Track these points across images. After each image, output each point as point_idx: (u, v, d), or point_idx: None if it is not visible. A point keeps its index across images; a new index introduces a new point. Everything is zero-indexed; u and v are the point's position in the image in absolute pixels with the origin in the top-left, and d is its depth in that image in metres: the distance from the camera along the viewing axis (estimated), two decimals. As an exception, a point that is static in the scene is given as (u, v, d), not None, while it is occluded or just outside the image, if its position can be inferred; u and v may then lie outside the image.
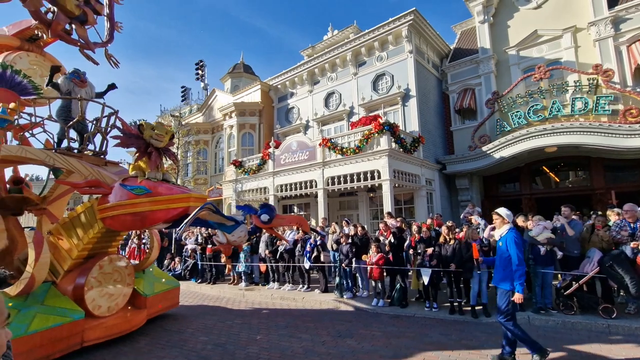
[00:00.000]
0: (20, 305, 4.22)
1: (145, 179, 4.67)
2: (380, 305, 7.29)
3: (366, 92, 15.72)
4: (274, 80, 19.45)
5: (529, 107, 12.86)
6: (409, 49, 14.32)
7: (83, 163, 5.00)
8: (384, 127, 11.43)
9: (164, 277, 7.26)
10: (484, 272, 6.51)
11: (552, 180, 14.46)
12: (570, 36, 13.06)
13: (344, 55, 16.33)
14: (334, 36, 20.13)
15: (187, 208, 4.36)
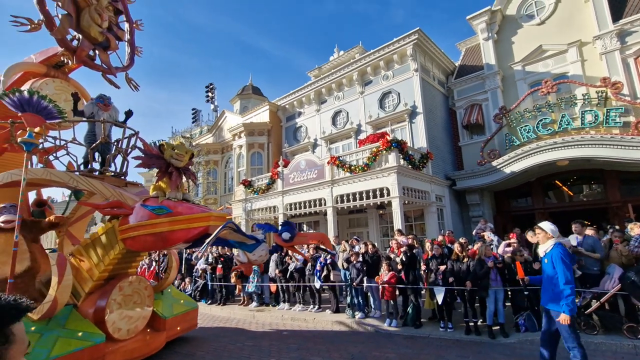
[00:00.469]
0: (43, 329, 4.17)
1: (166, 199, 4.67)
2: (394, 326, 7.10)
3: (373, 110, 15.88)
4: (282, 101, 19.82)
5: (537, 121, 12.80)
6: (414, 67, 14.52)
7: (105, 184, 5.04)
8: (391, 144, 11.47)
9: (182, 298, 7.14)
10: (499, 290, 6.33)
11: (565, 194, 14.20)
12: (576, 50, 13.11)
13: (350, 75, 16.62)
14: (340, 57, 20.58)
15: (208, 227, 4.32)
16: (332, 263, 8.75)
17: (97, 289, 5.05)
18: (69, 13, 5.20)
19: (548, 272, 4.02)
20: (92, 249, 5.05)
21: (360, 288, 8.03)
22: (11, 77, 5.91)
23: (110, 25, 5.90)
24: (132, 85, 6.47)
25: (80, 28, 5.39)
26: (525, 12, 14.78)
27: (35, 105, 4.46)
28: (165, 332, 6.06)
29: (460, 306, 7.17)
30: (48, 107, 4.56)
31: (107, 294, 4.95)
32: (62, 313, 4.48)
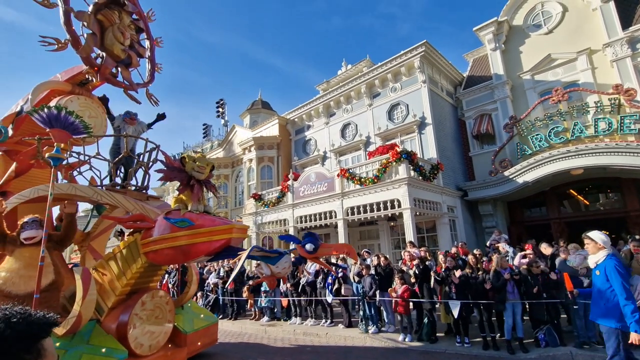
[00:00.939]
0: (67, 345, 4.14)
1: (187, 212, 4.67)
2: (408, 341, 6.95)
3: (382, 122, 15.94)
4: (291, 114, 20.07)
5: (549, 129, 12.66)
6: (422, 79, 14.60)
7: (127, 198, 5.08)
8: (401, 155, 11.45)
9: (202, 312, 7.03)
10: (517, 303, 6.16)
11: (581, 203, 13.88)
12: (586, 58, 13.03)
13: (358, 88, 16.78)
14: (347, 70, 20.84)
15: (229, 239, 4.31)
16: (344, 277, 8.67)
17: (120, 304, 5.01)
18: (93, 32, 5.38)
19: (599, 285, 3.78)
20: (115, 262, 5.02)
21: (373, 302, 7.92)
22: (38, 95, 6.10)
23: (132, 43, 6.08)
24: (153, 101, 6.62)
25: (104, 46, 5.57)
26: (532, 22, 14.82)
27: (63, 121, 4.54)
28: (187, 348, 5.94)
29: (476, 320, 7.00)
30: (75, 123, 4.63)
31: (130, 309, 4.89)
32: (85, 328, 4.44)
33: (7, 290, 4.36)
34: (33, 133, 5.64)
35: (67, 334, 4.11)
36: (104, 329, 4.75)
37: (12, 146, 6.26)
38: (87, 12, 5.38)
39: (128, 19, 6.00)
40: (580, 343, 5.73)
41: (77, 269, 4.30)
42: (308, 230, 14.29)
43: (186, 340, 5.98)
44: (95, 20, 5.46)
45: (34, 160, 5.54)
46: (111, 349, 4.46)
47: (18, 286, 4.42)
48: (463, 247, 9.66)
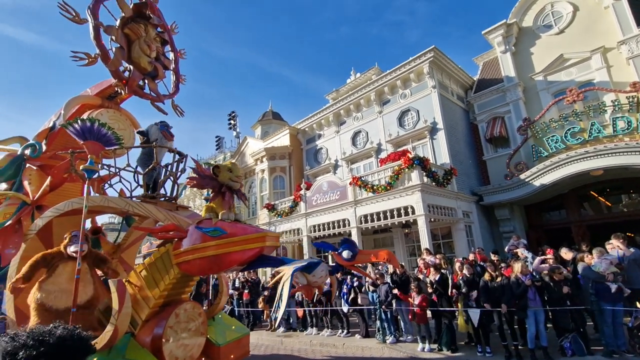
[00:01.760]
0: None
1: (219, 220, 4.57)
2: (427, 351, 6.80)
3: (392, 128, 15.90)
4: (302, 124, 20.22)
5: (565, 130, 12.37)
6: (432, 85, 14.54)
7: (159, 208, 5.01)
8: (413, 161, 11.37)
9: (233, 323, 6.87)
10: (539, 311, 5.97)
11: (602, 205, 13.44)
12: (600, 57, 12.76)
13: (367, 96, 16.83)
14: (356, 79, 20.95)
15: (263, 248, 4.21)
16: (359, 285, 8.58)
17: (153, 316, 4.90)
18: (121, 46, 5.48)
19: None
20: (147, 274, 4.95)
21: (389, 311, 7.79)
22: (70, 110, 6.25)
23: (158, 55, 6.13)
24: (178, 112, 6.67)
25: (131, 59, 5.67)
26: (542, 23, 14.65)
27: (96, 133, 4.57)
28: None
29: (497, 328, 6.80)
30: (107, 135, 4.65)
31: (164, 322, 4.77)
32: (121, 342, 4.34)
33: (49, 304, 4.34)
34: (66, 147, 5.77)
35: (104, 348, 4.04)
36: (138, 342, 4.66)
37: (46, 161, 6.38)
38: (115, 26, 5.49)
39: (153, 31, 6.07)
40: (610, 352, 5.48)
41: (112, 281, 4.19)
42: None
43: (219, 353, 5.79)
44: (123, 34, 5.55)
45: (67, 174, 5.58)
46: None
47: (59, 300, 4.40)
48: (481, 253, 9.45)
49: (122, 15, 5.59)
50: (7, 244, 5.26)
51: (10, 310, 4.71)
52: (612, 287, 5.58)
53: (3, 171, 6.03)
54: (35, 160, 6.22)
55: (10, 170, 6.06)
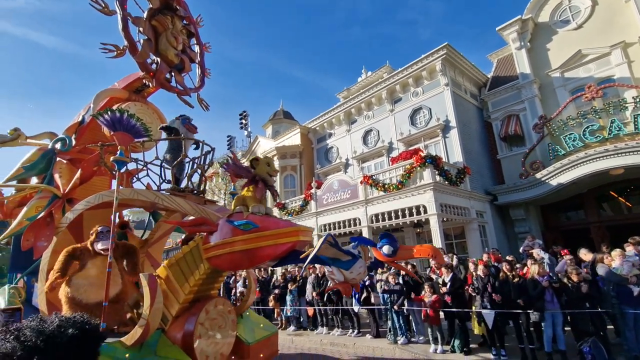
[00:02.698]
0: (136, 357, 3.92)
1: (250, 214, 4.43)
2: (440, 352, 6.67)
3: (404, 127, 15.72)
4: (313, 123, 20.19)
5: (583, 128, 12.01)
6: (444, 82, 14.32)
7: (188, 202, 4.89)
8: (426, 160, 11.20)
9: (261, 321, 6.65)
10: (557, 313, 5.79)
11: (623, 205, 13.00)
12: (620, 52, 12.35)
13: (379, 94, 16.68)
14: (367, 77, 20.81)
15: (296, 242, 4.06)
16: (371, 285, 8.50)
17: (183, 312, 4.72)
18: (148, 38, 5.45)
19: None
20: (177, 269, 4.77)
21: (401, 311, 7.68)
22: (99, 103, 6.30)
23: (184, 48, 6.11)
24: (203, 105, 6.63)
25: (159, 52, 5.64)
26: (559, 18, 14.26)
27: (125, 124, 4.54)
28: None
29: (512, 331, 6.62)
30: (136, 126, 4.61)
31: (195, 318, 4.59)
32: (152, 338, 4.19)
33: (79, 298, 4.34)
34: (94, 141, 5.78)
35: (135, 344, 3.91)
36: (169, 339, 4.50)
37: (75, 155, 6.39)
38: (143, 18, 5.46)
39: (180, 23, 6.02)
40: (633, 357, 5.28)
41: (143, 275, 4.09)
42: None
43: (249, 352, 5.56)
44: (150, 26, 5.51)
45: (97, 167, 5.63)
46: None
47: (89, 295, 4.38)
48: (495, 253, 9.23)
49: (149, 6, 5.56)
50: (39, 236, 5.29)
51: (43, 304, 4.73)
52: (634, 290, 5.38)
53: (34, 165, 6.10)
54: (66, 154, 6.24)
55: (42, 164, 6.12)
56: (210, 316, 4.80)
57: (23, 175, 6.10)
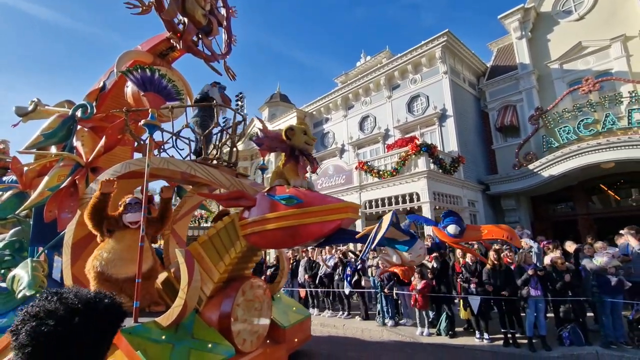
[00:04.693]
0: (173, 339, 3.54)
1: (292, 187, 4.05)
2: (426, 335, 6.91)
3: (401, 114, 15.69)
4: (309, 107, 20.04)
5: (578, 121, 12.10)
6: (443, 70, 14.23)
7: (223, 174, 4.53)
8: (421, 148, 11.26)
9: (293, 304, 6.31)
10: (540, 300, 5.99)
11: (611, 198, 13.26)
12: (620, 45, 12.33)
13: (377, 80, 16.55)
14: (366, 62, 20.56)
15: (343, 220, 3.71)
16: (363, 269, 8.67)
17: (217, 293, 4.41)
18: None
19: None
20: (211, 246, 4.41)
21: (390, 295, 7.89)
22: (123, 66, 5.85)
23: (212, 9, 5.75)
24: (230, 74, 6.25)
25: (185, 12, 5.29)
26: (561, 9, 14.12)
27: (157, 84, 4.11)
28: (285, 345, 5.18)
29: (496, 316, 6.87)
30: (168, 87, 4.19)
31: (231, 299, 4.26)
32: (187, 319, 3.87)
33: (108, 273, 3.96)
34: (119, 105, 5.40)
35: (171, 325, 3.57)
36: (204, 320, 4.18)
37: (97, 123, 5.94)
38: None
39: None
40: (608, 343, 5.52)
41: (179, 251, 3.73)
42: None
43: (284, 336, 5.20)
44: None
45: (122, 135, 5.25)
46: (216, 344, 3.83)
47: (119, 269, 3.99)
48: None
49: None
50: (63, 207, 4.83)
51: (68, 278, 4.42)
52: (612, 279, 5.60)
53: (55, 133, 5.63)
54: (87, 121, 5.79)
55: (62, 132, 5.67)
56: (247, 297, 4.50)
57: (42, 143, 5.65)
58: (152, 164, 4.16)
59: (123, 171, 4.53)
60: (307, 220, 3.73)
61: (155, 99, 4.18)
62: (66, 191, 4.92)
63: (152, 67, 4.21)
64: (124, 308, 1.07)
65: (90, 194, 4.55)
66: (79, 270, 4.33)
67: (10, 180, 7.31)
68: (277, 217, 3.84)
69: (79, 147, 5.46)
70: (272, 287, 5.76)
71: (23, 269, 4.83)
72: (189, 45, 5.45)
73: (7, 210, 6.27)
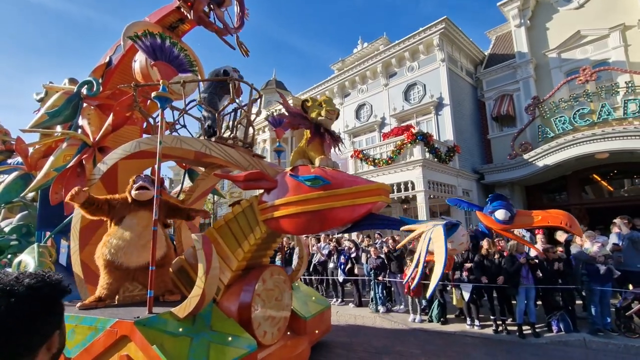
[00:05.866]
0: (191, 331, 3.26)
1: (318, 167, 3.70)
2: (418, 321, 6.99)
3: (397, 102, 15.56)
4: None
5: (574, 111, 12.08)
6: (440, 58, 14.07)
7: (241, 153, 4.21)
8: (417, 137, 11.21)
9: (313, 294, 5.99)
10: (530, 288, 6.06)
11: (604, 189, 13.37)
12: (619, 35, 12.23)
13: (374, 67, 16.34)
14: (363, 49, 20.27)
15: (376, 204, 3.38)
16: (357, 257, 8.72)
17: (236, 281, 4.12)
18: None
19: None
20: (228, 232, 4.11)
21: (382, 282, 7.96)
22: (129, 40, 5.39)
23: None
24: (243, 50, 5.91)
25: None
26: (562, -4, 13.93)
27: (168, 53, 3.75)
28: (307, 337, 4.89)
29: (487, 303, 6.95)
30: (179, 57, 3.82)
31: (251, 288, 3.96)
32: (204, 310, 3.57)
33: (119, 261, 3.64)
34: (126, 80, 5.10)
35: (189, 316, 3.29)
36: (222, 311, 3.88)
37: (104, 100, 5.62)
38: None
39: None
40: (595, 330, 5.62)
41: (196, 237, 3.41)
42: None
43: (305, 328, 4.91)
44: None
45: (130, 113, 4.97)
46: (237, 337, 3.53)
47: (129, 257, 3.67)
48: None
49: None
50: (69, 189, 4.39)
51: (77, 266, 4.17)
52: (601, 268, 5.67)
53: (60, 111, 5.30)
54: (93, 99, 5.48)
55: (67, 110, 5.35)
56: (267, 286, 4.20)
57: (47, 122, 5.31)
58: (164, 143, 3.78)
59: (133, 150, 4.16)
60: (335, 204, 3.40)
61: (166, 69, 3.81)
62: (73, 172, 4.63)
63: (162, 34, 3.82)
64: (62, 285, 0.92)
65: (98, 174, 4.29)
66: (87, 256, 4.10)
67: (15, 162, 7.01)
68: (301, 201, 3.52)
69: (85, 126, 5.16)
70: (292, 275, 5.42)
71: (29, 255, 4.61)
72: (200, 15, 5.09)
73: (12, 193, 5.98)
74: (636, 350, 5.03)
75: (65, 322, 0.96)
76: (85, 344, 3.11)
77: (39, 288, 0.84)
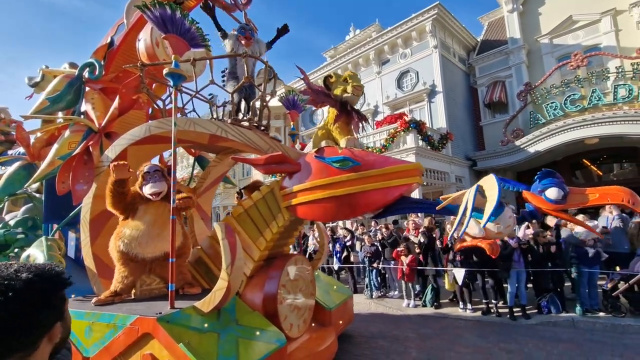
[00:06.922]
0: (217, 327, 3.07)
1: (345, 148, 3.45)
2: (412, 306, 7.13)
3: (390, 90, 15.50)
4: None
5: (565, 97, 12.17)
6: (433, 44, 13.98)
7: (260, 135, 3.93)
8: (410, 125, 11.22)
9: (333, 283, 5.76)
10: (521, 271, 6.21)
11: (594, 173, 13.60)
12: (610, 20, 12.26)
13: (366, 55, 16.20)
14: (356, 36, 20.03)
15: (410, 185, 3.16)
16: (352, 245, 8.81)
17: (258, 272, 3.90)
18: None
19: None
20: (248, 220, 3.84)
21: (377, 269, 8.07)
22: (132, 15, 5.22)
23: None
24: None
25: None
26: (554, -20, 13.86)
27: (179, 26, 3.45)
28: (333, 328, 4.70)
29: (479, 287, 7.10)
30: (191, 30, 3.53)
31: (276, 279, 3.74)
32: (228, 304, 3.35)
33: (133, 253, 3.46)
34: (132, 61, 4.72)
35: (213, 310, 3.09)
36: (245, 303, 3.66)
37: (107, 84, 5.27)
38: None
39: None
40: (584, 310, 5.80)
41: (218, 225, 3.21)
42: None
43: (330, 318, 4.71)
44: None
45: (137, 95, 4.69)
46: (264, 331, 3.34)
47: (144, 248, 3.49)
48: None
49: None
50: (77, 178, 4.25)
51: (89, 259, 3.99)
52: (590, 251, 5.82)
53: (61, 96, 4.97)
54: (96, 82, 5.16)
55: (69, 95, 5.04)
56: (292, 277, 3.99)
57: (49, 108, 5.03)
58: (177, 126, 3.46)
59: (143, 135, 3.88)
60: (367, 187, 3.14)
61: (178, 42, 3.49)
62: (79, 159, 4.33)
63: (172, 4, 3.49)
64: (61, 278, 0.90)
65: (106, 162, 3.99)
66: (99, 248, 3.92)
67: (17, 152, 6.72)
68: (329, 184, 3.25)
69: (89, 111, 4.86)
70: (313, 263, 5.16)
71: (38, 248, 4.39)
72: None
73: (15, 184, 5.64)
74: (622, 329, 5.21)
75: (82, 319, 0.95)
76: (104, 342, 2.92)
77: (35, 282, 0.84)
